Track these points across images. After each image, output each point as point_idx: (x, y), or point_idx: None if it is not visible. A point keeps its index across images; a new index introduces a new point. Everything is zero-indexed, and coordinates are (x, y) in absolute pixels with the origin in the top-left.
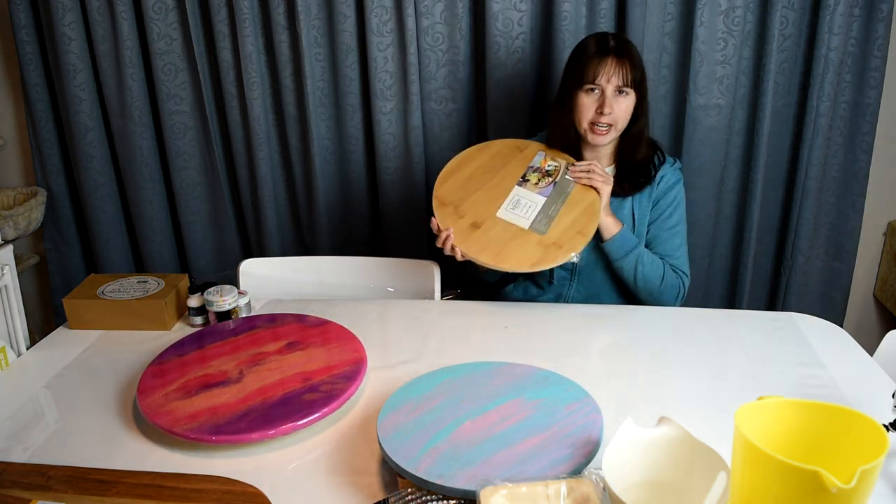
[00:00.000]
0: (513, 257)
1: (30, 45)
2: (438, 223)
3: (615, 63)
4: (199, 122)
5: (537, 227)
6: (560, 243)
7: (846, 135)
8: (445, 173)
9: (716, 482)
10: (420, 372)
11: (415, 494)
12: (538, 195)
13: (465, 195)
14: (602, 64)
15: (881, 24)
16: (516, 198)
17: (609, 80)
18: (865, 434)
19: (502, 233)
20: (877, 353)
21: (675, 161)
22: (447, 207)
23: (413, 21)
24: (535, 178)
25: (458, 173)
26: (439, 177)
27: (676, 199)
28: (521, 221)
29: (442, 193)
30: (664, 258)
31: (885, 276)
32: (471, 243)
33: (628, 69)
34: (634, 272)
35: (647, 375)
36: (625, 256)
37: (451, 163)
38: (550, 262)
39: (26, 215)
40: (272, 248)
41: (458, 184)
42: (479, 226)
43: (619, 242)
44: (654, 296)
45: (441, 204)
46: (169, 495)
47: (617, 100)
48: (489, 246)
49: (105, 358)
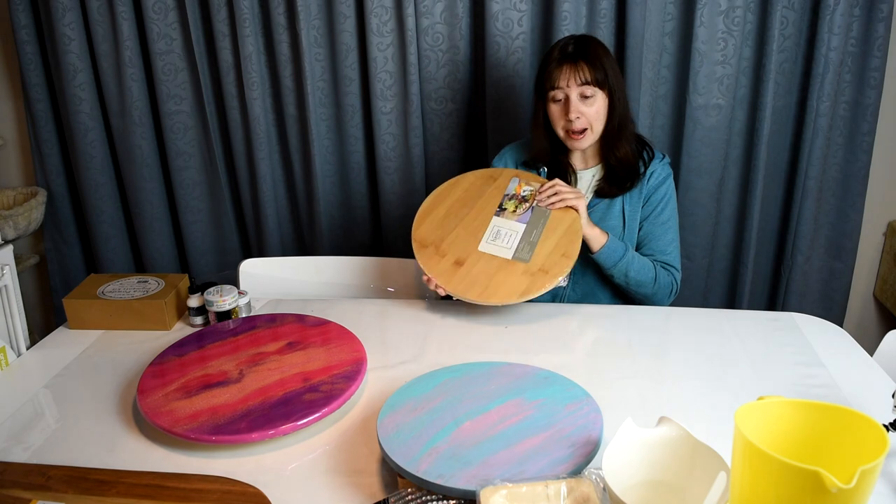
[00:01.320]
0: (499, 291)
1: (30, 45)
2: (421, 267)
3: (571, 68)
4: (199, 122)
5: (520, 256)
6: (546, 268)
7: (846, 135)
8: (421, 214)
9: (716, 482)
10: (420, 372)
11: (415, 494)
12: (517, 223)
13: (444, 233)
14: (559, 70)
15: (881, 24)
16: (496, 228)
17: (569, 85)
18: (865, 434)
19: (486, 267)
20: (877, 353)
21: (663, 156)
22: (427, 249)
23: (413, 21)
24: (513, 206)
25: (433, 213)
26: (416, 218)
27: (667, 195)
28: (504, 252)
29: (421, 235)
30: (657, 254)
31: (885, 276)
32: (456, 283)
33: (586, 71)
34: (626, 278)
35: (647, 375)
36: (615, 265)
37: (426, 203)
38: (538, 290)
39: (26, 215)
40: (272, 248)
41: (435, 223)
42: (463, 263)
43: (608, 253)
44: (647, 297)
45: (421, 246)
46: (169, 495)
47: (584, 102)
48: (475, 283)
49: (105, 358)
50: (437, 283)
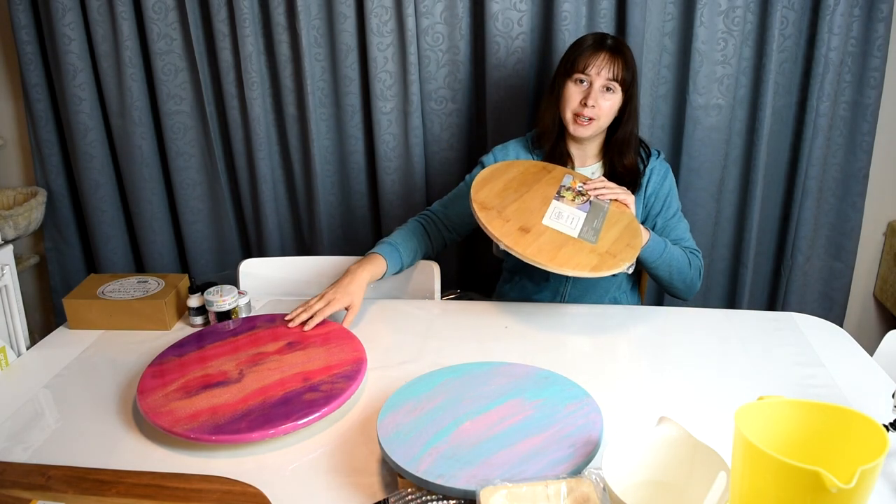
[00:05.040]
0: (571, 261)
1: (30, 45)
2: (485, 226)
3: (608, 57)
4: (199, 122)
5: (586, 237)
6: (613, 252)
7: (846, 135)
8: (480, 181)
9: (716, 482)
10: (420, 372)
11: (415, 494)
12: (578, 210)
13: (504, 203)
14: (595, 56)
15: (881, 24)
16: (557, 210)
17: (599, 73)
18: (865, 434)
19: (554, 238)
20: (877, 353)
21: (658, 154)
22: (491, 211)
23: (413, 21)
24: (571, 196)
25: (492, 183)
26: (474, 184)
27: (671, 188)
28: (570, 230)
29: (482, 198)
30: (679, 243)
31: (885, 276)
32: (525, 245)
33: (620, 66)
34: (670, 269)
35: (647, 375)
36: (660, 257)
37: (483, 173)
38: (608, 269)
39: (26, 215)
40: (272, 248)
41: (494, 192)
42: (529, 230)
43: (653, 247)
44: (686, 283)
45: (483, 208)
46: (169, 495)
47: (603, 95)
48: (543, 250)
49: (105, 358)
50: (314, 315)
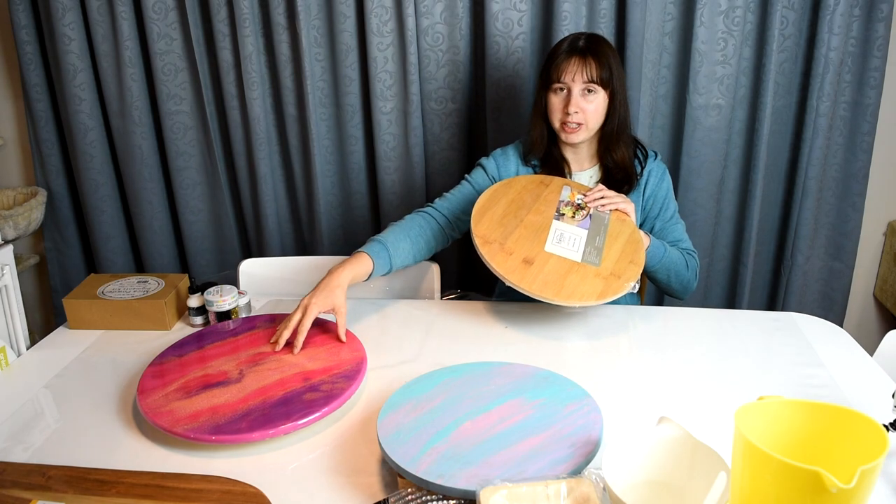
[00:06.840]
0: (577, 291)
1: (30, 45)
2: (489, 263)
3: (579, 62)
4: (199, 122)
5: (590, 260)
6: (617, 273)
7: (846, 135)
8: (479, 211)
9: (716, 482)
10: (420, 372)
11: (415, 494)
12: (579, 228)
13: (507, 232)
14: (567, 62)
15: (881, 24)
16: (559, 232)
17: (574, 79)
18: (865, 434)
19: (558, 267)
20: (877, 353)
21: (656, 155)
22: (493, 245)
23: (413, 21)
24: (570, 212)
25: (491, 211)
26: (473, 215)
27: (669, 190)
28: (572, 255)
29: (482, 232)
30: (676, 245)
31: (885, 276)
32: (530, 280)
33: (593, 67)
34: (668, 272)
35: (647, 375)
36: (659, 262)
37: (481, 200)
38: (613, 294)
39: (26, 215)
40: (272, 248)
41: (494, 221)
42: (532, 262)
43: (653, 252)
44: (683, 284)
45: (485, 242)
46: (169, 495)
47: (585, 98)
48: (549, 282)
49: (105, 358)
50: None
